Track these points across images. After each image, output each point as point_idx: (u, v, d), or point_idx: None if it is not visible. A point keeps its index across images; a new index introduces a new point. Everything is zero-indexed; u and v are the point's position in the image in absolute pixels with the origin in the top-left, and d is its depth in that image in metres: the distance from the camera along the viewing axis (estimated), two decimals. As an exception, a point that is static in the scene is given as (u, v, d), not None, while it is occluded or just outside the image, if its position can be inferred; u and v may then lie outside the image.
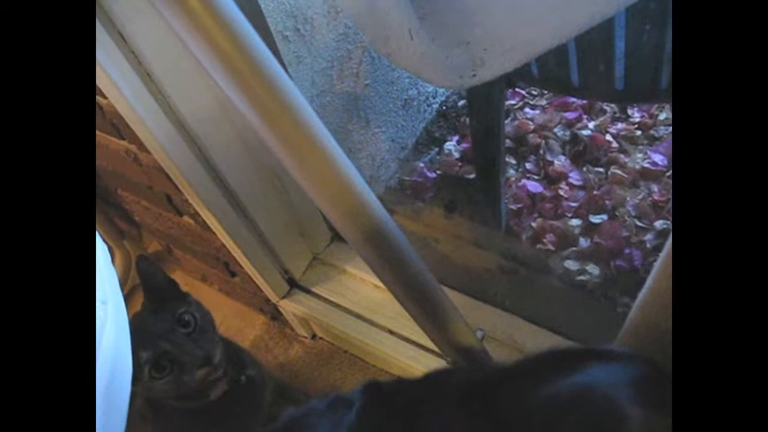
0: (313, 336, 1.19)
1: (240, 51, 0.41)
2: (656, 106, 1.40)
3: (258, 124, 0.44)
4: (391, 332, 1.01)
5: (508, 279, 1.03)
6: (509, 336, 0.92)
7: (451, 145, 1.51)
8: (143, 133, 0.76)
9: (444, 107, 1.60)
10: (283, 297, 1.07)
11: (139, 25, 0.69)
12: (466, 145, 1.50)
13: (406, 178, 1.49)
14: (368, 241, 0.53)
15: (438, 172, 1.46)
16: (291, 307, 1.08)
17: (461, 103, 1.59)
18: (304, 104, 0.45)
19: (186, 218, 0.98)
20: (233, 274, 1.11)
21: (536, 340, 0.91)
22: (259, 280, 1.03)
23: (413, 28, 0.73)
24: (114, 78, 0.69)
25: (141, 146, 0.80)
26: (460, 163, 1.47)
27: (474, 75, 0.75)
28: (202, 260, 1.15)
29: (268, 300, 1.09)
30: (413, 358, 0.97)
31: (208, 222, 0.91)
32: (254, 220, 0.94)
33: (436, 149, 1.53)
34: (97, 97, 0.75)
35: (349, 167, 0.49)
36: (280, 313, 1.13)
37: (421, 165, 1.50)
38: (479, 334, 0.73)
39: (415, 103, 1.50)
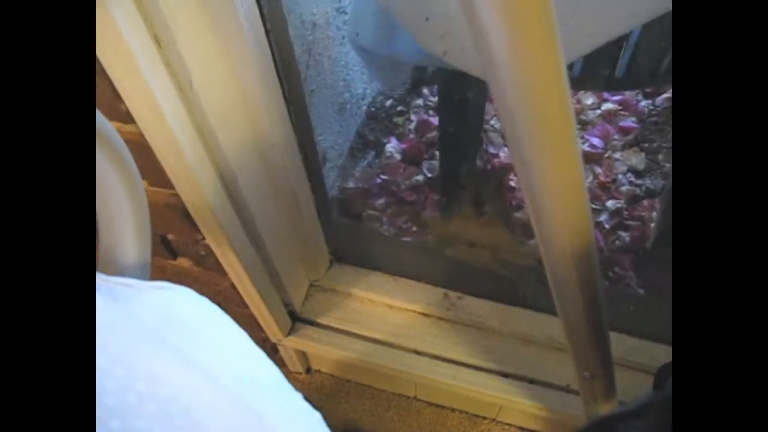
0: (308, 370, 1.07)
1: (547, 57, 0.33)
2: (581, 92, 1.46)
3: (532, 131, 0.36)
4: (417, 353, 0.94)
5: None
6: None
7: (391, 147, 1.45)
8: (176, 168, 0.62)
9: (372, 108, 1.54)
10: (288, 334, 0.95)
11: (192, 42, 0.56)
12: (404, 146, 1.46)
13: (349, 186, 1.40)
14: (574, 258, 0.47)
15: (382, 176, 1.40)
16: (296, 344, 0.96)
17: (388, 102, 1.54)
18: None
19: (182, 260, 0.83)
20: (226, 317, 0.96)
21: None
22: (264, 319, 0.91)
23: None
24: (159, 99, 0.55)
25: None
26: (403, 165, 1.42)
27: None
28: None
29: (265, 339, 0.97)
30: (451, 375, 0.91)
31: (223, 259, 0.77)
32: (269, 254, 0.82)
33: (373, 153, 1.47)
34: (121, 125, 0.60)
35: (584, 179, 0.42)
36: (276, 351, 1.01)
37: (362, 171, 1.42)
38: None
39: (348, 107, 1.42)
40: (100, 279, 0.40)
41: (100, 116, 0.42)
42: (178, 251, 0.82)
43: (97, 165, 0.44)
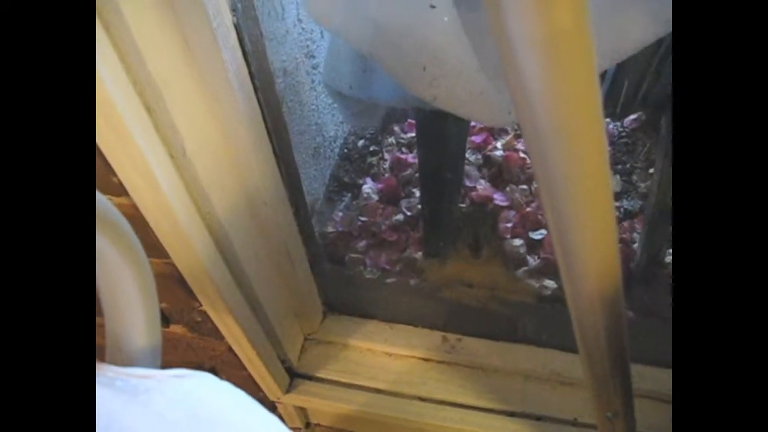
0: (307, 425, 1.04)
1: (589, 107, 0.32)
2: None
3: (567, 172, 0.35)
4: (421, 399, 0.92)
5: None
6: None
7: (367, 188, 1.44)
8: (171, 236, 0.60)
9: (345, 150, 1.53)
10: (287, 391, 0.92)
11: (183, 107, 0.54)
12: (381, 185, 1.44)
13: (329, 231, 1.38)
14: (602, 304, 0.46)
15: (362, 218, 1.38)
16: (295, 401, 0.93)
17: (361, 143, 1.53)
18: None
19: (175, 327, 0.80)
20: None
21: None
22: (263, 378, 0.88)
23: (473, 66, 0.66)
24: (153, 169, 0.53)
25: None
26: (382, 205, 1.41)
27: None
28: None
29: (263, 398, 0.93)
30: (458, 419, 0.89)
31: (220, 323, 0.74)
32: (265, 312, 0.80)
33: (349, 194, 1.45)
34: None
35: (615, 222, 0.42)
36: (275, 408, 0.98)
37: (341, 214, 1.40)
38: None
39: (321, 151, 1.41)
40: (114, 372, 0.38)
41: (102, 198, 0.39)
42: (170, 318, 0.79)
43: (99, 249, 0.41)
